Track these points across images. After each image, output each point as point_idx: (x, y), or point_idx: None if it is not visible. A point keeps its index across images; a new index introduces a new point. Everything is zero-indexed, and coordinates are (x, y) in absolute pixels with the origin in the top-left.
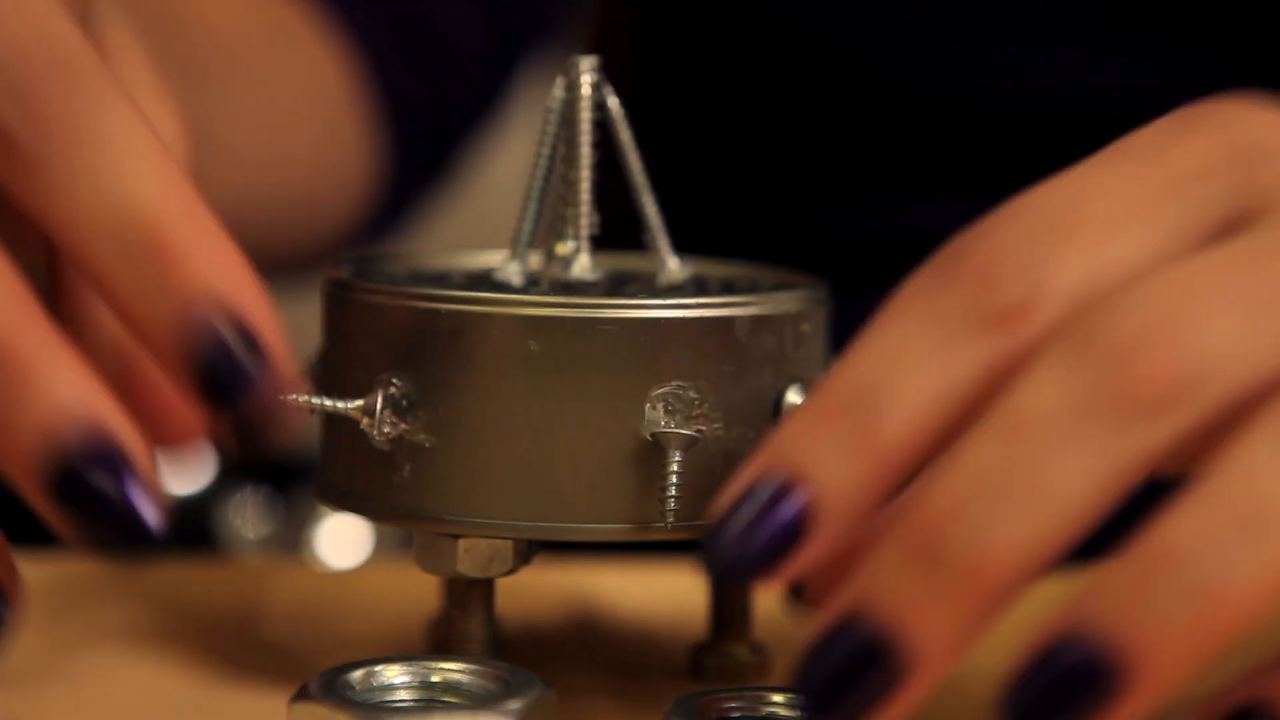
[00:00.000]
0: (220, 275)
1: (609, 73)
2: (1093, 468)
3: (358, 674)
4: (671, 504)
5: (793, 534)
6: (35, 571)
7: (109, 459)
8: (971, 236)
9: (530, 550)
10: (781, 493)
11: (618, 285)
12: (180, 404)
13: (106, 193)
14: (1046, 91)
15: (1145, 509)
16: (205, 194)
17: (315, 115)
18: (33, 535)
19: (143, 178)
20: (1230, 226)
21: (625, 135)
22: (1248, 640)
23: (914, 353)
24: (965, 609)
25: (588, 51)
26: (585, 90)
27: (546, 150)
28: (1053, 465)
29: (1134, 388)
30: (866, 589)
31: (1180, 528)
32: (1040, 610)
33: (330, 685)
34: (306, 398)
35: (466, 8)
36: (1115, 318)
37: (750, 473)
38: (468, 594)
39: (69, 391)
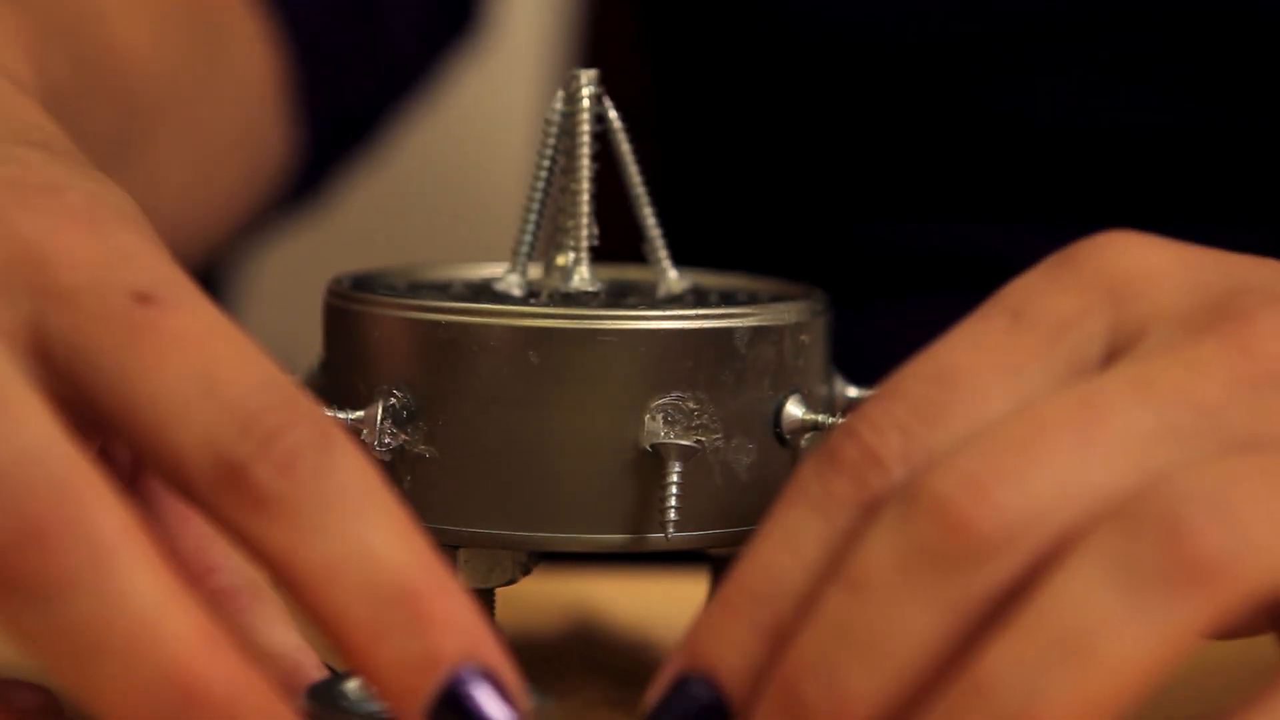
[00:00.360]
0: (470, 638)
1: (608, 85)
2: (925, 617)
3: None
4: (671, 514)
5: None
6: None
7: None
8: (856, 417)
9: (530, 560)
10: (701, 688)
11: (617, 296)
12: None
13: (356, 550)
14: (1067, 115)
15: None
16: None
17: (244, 133)
18: None
19: (390, 536)
20: (1108, 363)
21: (624, 147)
22: None
23: (807, 542)
24: None
25: (586, 63)
26: (585, 103)
27: (546, 162)
28: (889, 617)
29: (953, 537)
30: None
31: (994, 656)
32: None
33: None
34: None
35: None
36: (940, 471)
37: (673, 668)
38: None
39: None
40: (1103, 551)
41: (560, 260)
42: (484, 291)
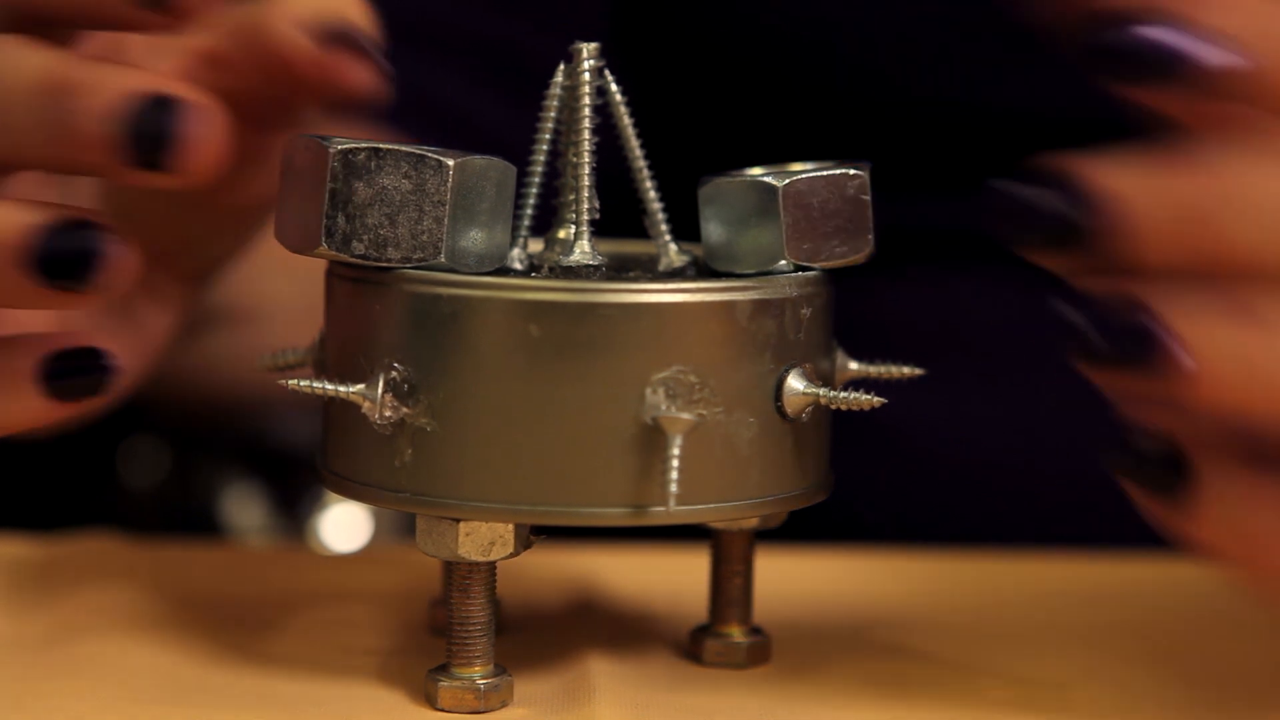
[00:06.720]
0: (115, 82)
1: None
2: None
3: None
4: (672, 488)
5: None
6: (37, 554)
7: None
8: None
9: (532, 534)
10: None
11: (618, 270)
12: None
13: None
14: (1027, 101)
15: None
16: None
17: None
18: (36, 519)
19: (29, 53)
20: None
21: (625, 121)
22: None
23: None
24: None
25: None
26: (586, 76)
27: (548, 136)
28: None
29: None
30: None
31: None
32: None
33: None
34: (309, 382)
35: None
36: None
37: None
38: (469, 577)
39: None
40: None
41: (561, 233)
42: None
